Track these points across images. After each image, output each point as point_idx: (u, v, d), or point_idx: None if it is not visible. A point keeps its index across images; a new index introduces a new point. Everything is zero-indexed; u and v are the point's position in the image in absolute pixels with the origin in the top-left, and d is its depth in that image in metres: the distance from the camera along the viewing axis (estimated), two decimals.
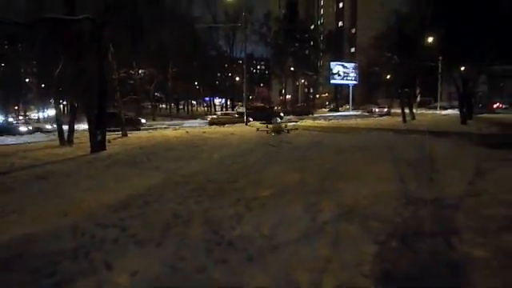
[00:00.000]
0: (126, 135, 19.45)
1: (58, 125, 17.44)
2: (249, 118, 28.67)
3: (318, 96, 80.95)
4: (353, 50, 77.82)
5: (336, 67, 55.07)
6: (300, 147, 12.04)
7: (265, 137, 16.58)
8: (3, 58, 44.00)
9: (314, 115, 46.79)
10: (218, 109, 63.91)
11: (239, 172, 7.93)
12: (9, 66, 46.62)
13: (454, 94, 29.71)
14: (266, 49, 61.41)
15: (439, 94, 45.75)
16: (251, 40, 53.94)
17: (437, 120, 28.49)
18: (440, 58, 27.17)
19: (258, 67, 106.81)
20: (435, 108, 45.87)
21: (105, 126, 13.69)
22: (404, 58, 25.81)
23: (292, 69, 59.97)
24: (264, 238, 4.05)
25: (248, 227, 4.39)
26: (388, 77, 33.15)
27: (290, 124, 28.31)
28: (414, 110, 30.98)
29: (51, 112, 47.43)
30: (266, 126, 19.98)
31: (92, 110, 13.64)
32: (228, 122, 29.97)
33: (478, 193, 5.65)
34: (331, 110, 59.93)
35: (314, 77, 68.68)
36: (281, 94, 76.24)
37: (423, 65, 28.12)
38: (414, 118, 28.61)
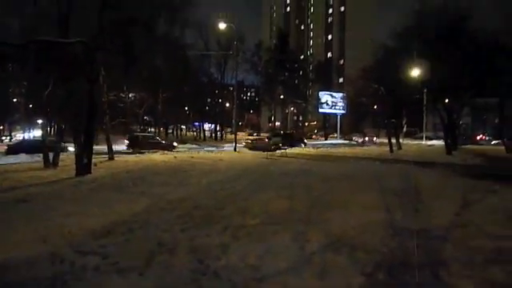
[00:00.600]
0: (112, 158, 19.18)
1: (44, 146, 17.13)
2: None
3: (306, 124, 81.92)
4: (341, 80, 79.67)
5: (324, 96, 56.18)
6: (288, 174, 12.05)
7: (253, 163, 16.56)
8: None
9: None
10: (207, 134, 63.93)
11: (227, 199, 7.85)
12: None
13: (439, 125, 30.41)
14: (256, 77, 62.59)
15: (424, 125, 46.77)
16: (242, 68, 54.92)
17: (422, 150, 28.98)
18: (425, 90, 28.00)
19: (249, 94, 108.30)
20: (421, 138, 46.78)
21: (91, 148, 13.51)
22: (391, 90, 26.52)
23: (282, 97, 60.87)
24: (251, 268, 3.97)
25: (234, 257, 4.29)
26: (375, 107, 33.87)
27: (279, 151, 28.44)
28: (401, 140, 31.53)
29: (37, 133, 46.76)
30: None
31: (79, 132, 13.49)
32: (262, 146, 30.04)
33: (465, 224, 5.69)
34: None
35: (303, 105, 69.77)
36: (270, 121, 76.98)
37: (409, 96, 28.90)
38: (400, 148, 29.06)
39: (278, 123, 72.40)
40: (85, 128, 13.29)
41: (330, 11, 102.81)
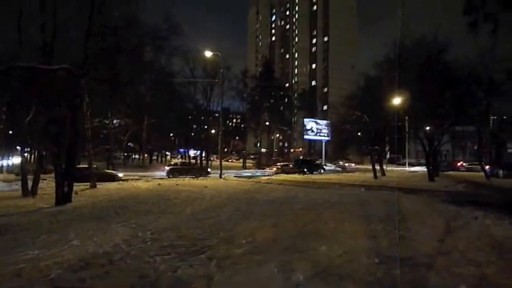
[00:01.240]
0: (94, 186, 18.75)
1: (23, 174, 16.64)
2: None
3: (292, 150, 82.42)
4: (325, 107, 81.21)
5: (309, 123, 56.88)
6: (274, 202, 11.98)
7: (238, 190, 16.43)
8: None
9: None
10: (193, 161, 63.41)
11: (211, 228, 7.70)
12: None
13: (421, 152, 31.07)
14: (242, 103, 62.98)
15: (407, 152, 47.71)
16: (228, 95, 55.45)
17: (405, 176, 29.40)
18: (406, 117, 28.76)
19: (234, 120, 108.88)
20: (404, 165, 47.55)
21: (73, 176, 13.20)
22: (373, 117, 27.13)
23: (267, 123, 61.38)
24: None
25: None
26: (359, 134, 34.47)
27: (264, 178, 28.38)
28: (384, 167, 31.96)
29: (16, 160, 45.53)
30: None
31: (60, 159, 13.20)
32: (291, 171, 34.99)
33: (449, 251, 5.72)
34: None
35: (289, 132, 70.42)
36: (255, 147, 77.16)
37: (391, 124, 29.60)
38: (384, 174, 29.42)
39: (263, 149, 72.53)
40: (66, 155, 13.03)
41: (314, 41, 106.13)
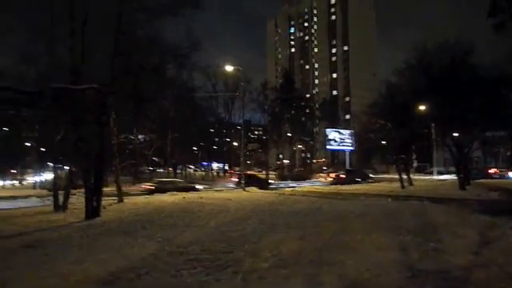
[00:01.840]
0: (122, 201, 19.14)
1: (54, 190, 17.23)
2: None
3: (315, 161, 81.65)
4: (347, 116, 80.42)
5: (332, 133, 56.31)
6: (298, 213, 11.84)
7: (262, 202, 16.37)
8: (7, 123, 45.21)
9: (312, 180, 46.80)
10: (215, 174, 63.91)
11: (236, 241, 7.67)
12: (11, 131, 47.64)
13: (450, 160, 30.06)
14: (263, 115, 63.18)
15: (435, 160, 46.25)
16: (249, 107, 55.62)
17: (434, 185, 28.45)
18: (432, 124, 27.99)
19: (256, 133, 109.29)
20: (431, 173, 46.06)
21: (101, 191, 13.54)
22: (397, 125, 26.56)
23: (289, 135, 61.18)
24: None
25: None
26: (383, 143, 33.81)
27: (288, 189, 28.18)
28: (411, 176, 31.07)
29: (48, 176, 47.22)
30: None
31: (90, 175, 13.59)
32: (345, 181, 35.17)
33: (485, 263, 5.45)
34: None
35: (311, 143, 69.97)
36: (278, 158, 76.95)
37: (417, 131, 28.85)
38: (411, 184, 28.58)
39: (286, 161, 72.19)
40: (95, 171, 13.40)
41: (334, 51, 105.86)
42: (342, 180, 35.57)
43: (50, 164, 37.20)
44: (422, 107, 24.24)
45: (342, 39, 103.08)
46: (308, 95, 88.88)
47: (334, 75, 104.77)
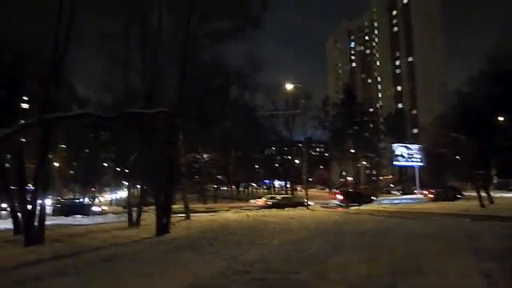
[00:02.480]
0: (188, 218, 19.93)
1: (129, 207, 18.51)
2: None
3: (381, 178, 77.89)
4: (415, 130, 76.00)
5: (399, 149, 53.45)
6: (366, 234, 11.30)
7: (326, 221, 15.94)
8: (88, 146, 50.08)
9: (379, 198, 44.69)
10: (277, 191, 63.84)
11: (301, 261, 7.51)
12: (91, 152, 52.65)
13: None
14: (324, 132, 62.27)
15: None
16: (310, 124, 55.20)
17: None
18: None
19: (317, 150, 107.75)
20: None
21: (170, 209, 14.22)
22: (472, 138, 24.43)
23: (352, 151, 59.34)
24: None
25: None
26: (457, 157, 31.27)
27: (353, 208, 27.18)
28: (491, 193, 28.14)
29: (123, 194, 50.92)
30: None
31: (160, 193, 14.38)
32: (447, 197, 34.23)
33: None
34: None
35: (376, 159, 67.06)
36: (341, 176, 74.79)
37: (496, 144, 26.25)
38: (491, 202, 25.83)
39: (349, 178, 69.89)
40: (165, 189, 14.16)
41: (397, 63, 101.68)
42: (443, 196, 34.39)
43: (124, 182, 40.23)
44: (501, 118, 22.11)
45: (406, 50, 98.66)
46: (371, 109, 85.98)
47: (399, 88, 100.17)
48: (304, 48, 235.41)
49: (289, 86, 30.84)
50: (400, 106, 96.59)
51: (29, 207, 12.05)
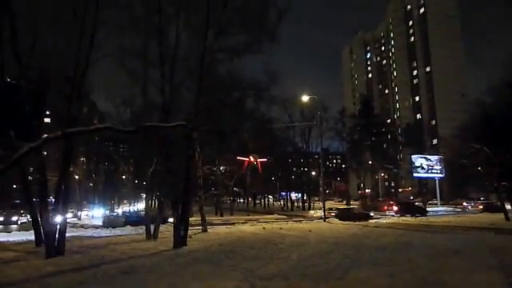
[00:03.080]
0: (205, 230, 19.93)
1: (147, 219, 18.67)
2: None
3: (400, 190, 76.29)
4: (435, 141, 74.47)
5: (418, 160, 52.41)
6: (386, 248, 11.05)
7: (344, 235, 15.68)
8: (108, 158, 51.18)
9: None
10: (295, 203, 63.27)
11: (320, 275, 7.39)
12: (111, 165, 53.70)
13: None
14: (341, 143, 61.73)
15: None
16: (326, 136, 54.91)
17: None
18: None
19: (334, 161, 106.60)
20: None
21: (188, 221, 14.26)
22: (496, 149, 23.74)
23: (370, 162, 58.43)
24: None
25: None
26: (479, 169, 30.37)
27: (372, 221, 26.68)
28: None
29: (140, 206, 51.51)
30: None
31: (177, 205, 14.46)
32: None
33: None
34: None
35: (395, 170, 65.84)
36: (359, 188, 73.64)
37: None
38: None
39: (368, 190, 68.73)
40: (182, 201, 14.24)
41: (415, 73, 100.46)
42: (493, 208, 33.88)
43: (142, 195, 40.72)
44: None
45: (423, 60, 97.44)
46: (389, 120, 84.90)
47: (417, 98, 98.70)
48: (320, 60, 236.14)
49: (305, 98, 30.85)
50: (418, 116, 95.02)
51: (51, 219, 12.31)
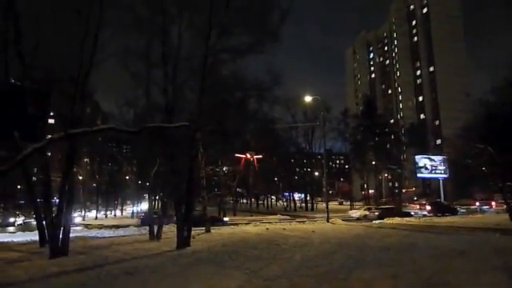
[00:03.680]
0: (209, 231, 19.92)
1: (150, 220, 18.68)
2: None
3: (404, 191, 75.92)
4: (438, 141, 74.11)
5: (422, 160, 52.04)
6: (390, 249, 10.99)
7: (348, 236, 15.61)
8: (111, 159, 51.34)
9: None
10: (297, 204, 63.19)
11: (324, 276, 7.35)
12: (114, 166, 53.84)
13: None
14: (344, 144, 61.61)
15: None
16: (329, 136, 54.86)
17: None
18: None
19: (337, 162, 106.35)
20: None
21: (191, 221, 14.26)
22: (500, 149, 23.58)
23: (373, 163, 58.21)
24: None
25: None
26: (483, 169, 30.17)
27: (376, 222, 26.58)
28: None
29: (144, 206, 51.60)
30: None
31: (180, 206, 14.45)
32: None
33: None
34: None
35: (398, 171, 65.54)
36: (362, 188, 73.40)
37: None
38: None
39: (371, 191, 68.44)
40: (185, 202, 14.23)
41: (418, 73, 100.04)
42: None
43: (145, 195, 40.78)
44: None
45: (427, 60, 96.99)
46: (392, 121, 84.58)
47: (420, 98, 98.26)
48: (321, 60, 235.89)
49: (308, 98, 30.81)
50: (422, 116, 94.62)
51: (54, 220, 12.35)
